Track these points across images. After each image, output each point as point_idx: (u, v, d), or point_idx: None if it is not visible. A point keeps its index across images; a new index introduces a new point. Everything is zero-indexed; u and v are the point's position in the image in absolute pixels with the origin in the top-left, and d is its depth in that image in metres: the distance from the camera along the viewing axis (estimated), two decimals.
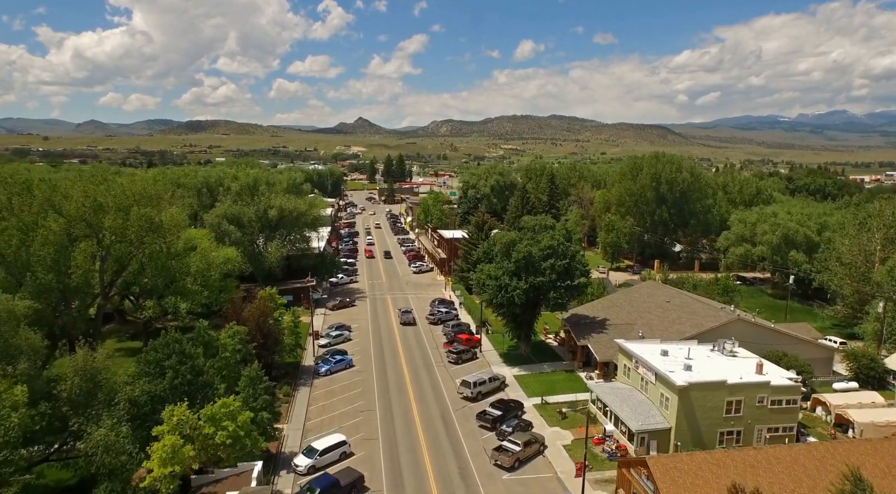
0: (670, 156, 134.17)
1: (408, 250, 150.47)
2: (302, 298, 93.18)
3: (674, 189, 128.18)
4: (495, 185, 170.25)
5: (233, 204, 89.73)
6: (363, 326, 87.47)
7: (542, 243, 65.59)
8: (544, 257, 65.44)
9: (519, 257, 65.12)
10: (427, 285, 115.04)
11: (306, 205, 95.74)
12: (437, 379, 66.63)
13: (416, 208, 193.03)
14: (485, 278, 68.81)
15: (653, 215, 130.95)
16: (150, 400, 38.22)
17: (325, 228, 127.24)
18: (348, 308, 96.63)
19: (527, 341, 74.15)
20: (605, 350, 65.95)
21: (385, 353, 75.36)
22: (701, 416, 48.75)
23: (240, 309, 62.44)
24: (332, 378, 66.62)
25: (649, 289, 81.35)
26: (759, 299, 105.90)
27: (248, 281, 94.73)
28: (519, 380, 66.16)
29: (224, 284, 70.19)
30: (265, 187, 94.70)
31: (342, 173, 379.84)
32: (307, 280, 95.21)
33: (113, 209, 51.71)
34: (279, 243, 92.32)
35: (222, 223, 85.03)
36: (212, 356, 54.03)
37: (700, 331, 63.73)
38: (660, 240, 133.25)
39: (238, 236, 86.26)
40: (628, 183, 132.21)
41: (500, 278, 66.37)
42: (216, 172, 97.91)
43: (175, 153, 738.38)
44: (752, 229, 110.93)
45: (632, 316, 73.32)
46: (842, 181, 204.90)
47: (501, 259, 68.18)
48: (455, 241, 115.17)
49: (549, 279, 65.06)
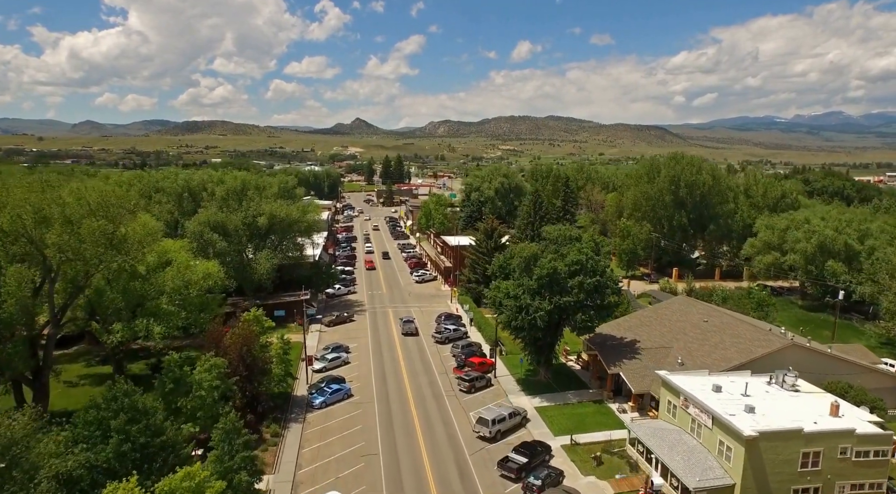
0: (689, 157, 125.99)
1: (409, 256, 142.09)
2: (295, 313, 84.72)
3: (693, 193, 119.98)
4: (500, 187, 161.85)
5: (218, 211, 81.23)
6: (363, 344, 79.01)
7: (569, 257, 57.23)
8: (571, 273, 57.07)
9: (542, 274, 56.73)
10: (431, 296, 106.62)
11: (299, 211, 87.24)
12: (447, 413, 58.23)
13: (416, 211, 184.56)
14: (501, 297, 60.38)
15: (671, 220, 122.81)
16: (89, 473, 29.79)
17: (322, 233, 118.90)
18: (346, 324, 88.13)
19: (547, 366, 65.84)
20: (640, 380, 57.69)
21: (388, 379, 66.94)
22: (771, 470, 40.51)
23: (220, 335, 53.99)
24: (327, 412, 58.14)
25: (681, 305, 73.04)
26: (790, 312, 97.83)
27: (236, 294, 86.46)
28: (542, 413, 57.80)
29: (205, 301, 61.64)
30: (254, 191, 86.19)
31: (339, 175, 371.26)
32: (301, 294, 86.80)
33: (59, 222, 43.05)
34: (269, 253, 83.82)
35: (205, 232, 76.52)
36: (185, 393, 45.72)
37: (749, 359, 55.51)
38: (677, 246, 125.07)
39: (223, 247, 77.80)
40: (644, 186, 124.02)
41: (521, 298, 57.98)
42: (199, 176, 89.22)
43: (171, 154, 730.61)
44: (781, 236, 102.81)
45: (665, 338, 65.10)
46: (860, 184, 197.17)
47: (521, 275, 59.79)
48: (461, 249, 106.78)
49: (576, 299, 56.68)
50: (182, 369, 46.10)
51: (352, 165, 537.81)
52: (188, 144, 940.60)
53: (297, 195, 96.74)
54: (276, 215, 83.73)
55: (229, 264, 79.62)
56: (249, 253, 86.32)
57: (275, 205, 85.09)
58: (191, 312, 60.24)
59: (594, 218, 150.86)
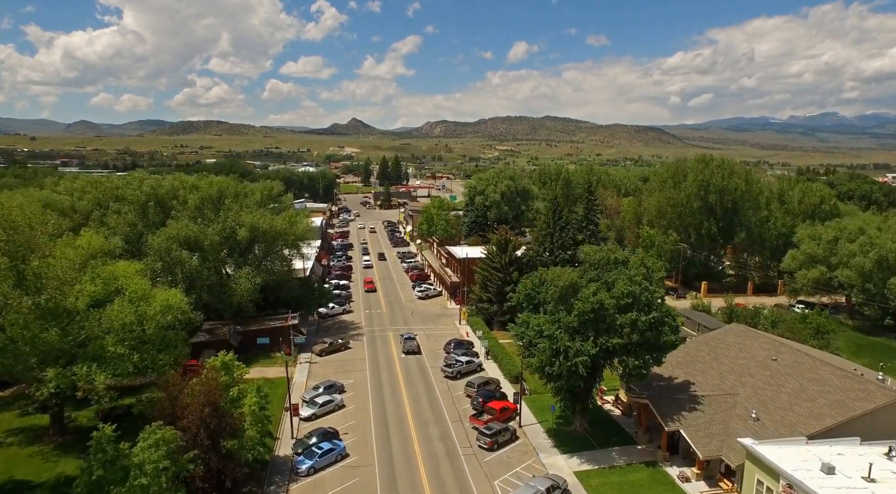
0: (720, 159, 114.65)
1: (410, 267, 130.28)
2: (281, 341, 73.02)
3: (724, 198, 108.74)
4: (506, 191, 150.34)
5: (190, 222, 69.40)
6: (360, 380, 67.29)
7: (618, 288, 45.69)
8: (621, 308, 45.56)
9: (585, 309, 45.19)
10: (437, 315, 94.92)
11: (286, 222, 75.38)
12: (466, 480, 46.56)
13: (416, 215, 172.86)
14: (532, 336, 48.79)
15: (698, 229, 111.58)
16: None
17: (314, 242, 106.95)
18: (340, 352, 76.38)
19: (584, 414, 54.29)
20: (707, 442, 46.15)
21: (391, 429, 55.24)
22: None
23: (176, 390, 42.25)
24: (316, 481, 46.42)
25: (737, 336, 61.48)
26: (842, 335, 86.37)
27: (214, 318, 74.89)
28: (584, 482, 46.17)
29: (165, 339, 49.93)
30: (232, 199, 74.39)
31: (335, 176, 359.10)
32: (288, 318, 75.12)
33: None
34: (251, 271, 71.99)
35: (173, 249, 64.72)
36: (120, 481, 34.06)
37: (848, 417, 44.03)
38: (706, 258, 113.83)
39: (194, 266, 66.03)
40: (670, 191, 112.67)
41: (557, 338, 46.38)
42: (169, 182, 76.97)
43: (165, 154, 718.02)
44: (828, 249, 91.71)
45: (727, 381, 53.62)
46: (887, 187, 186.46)
47: (555, 308, 48.22)
48: (470, 262, 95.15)
49: (628, 341, 45.17)
50: (117, 446, 34.38)
51: (348, 166, 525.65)
52: (183, 144, 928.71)
53: (285, 203, 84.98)
54: (258, 226, 72.01)
55: (202, 285, 67.93)
56: (229, 269, 74.70)
57: (257, 215, 73.30)
58: (146, 353, 48.52)
59: (609, 224, 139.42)
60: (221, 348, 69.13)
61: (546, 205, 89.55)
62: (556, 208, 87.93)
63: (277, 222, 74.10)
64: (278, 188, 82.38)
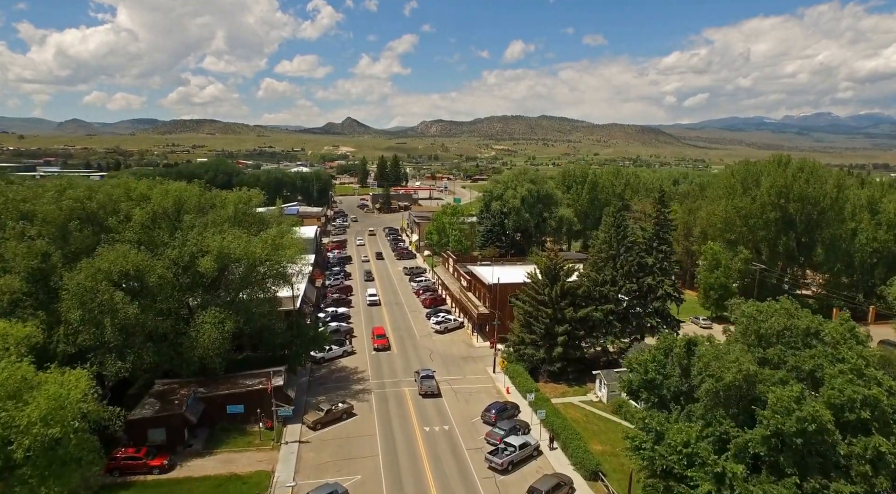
0: (801, 161, 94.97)
1: (421, 287, 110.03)
2: (259, 412, 53.05)
3: (806, 208, 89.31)
4: (527, 195, 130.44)
5: (132, 248, 49.31)
6: (370, 476, 47.22)
7: (843, 391, 25.93)
8: (845, 426, 25.90)
9: (789, 431, 25.42)
10: (462, 358, 74.86)
11: (268, 246, 55.15)
12: None
13: (423, 223, 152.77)
14: (674, 460, 28.97)
15: (773, 245, 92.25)
16: None
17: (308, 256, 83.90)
18: (341, 422, 56.35)
19: None
20: None
21: None
22: None
23: None
24: None
25: None
26: None
27: (169, 376, 55.20)
28: None
29: (56, 460, 30.00)
30: (194, 215, 54.27)
31: (330, 177, 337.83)
32: (269, 378, 55.02)
33: None
34: (219, 313, 51.83)
35: (103, 290, 44.67)
36: None
37: None
38: (780, 278, 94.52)
39: (135, 313, 45.99)
40: (739, 199, 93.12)
41: (727, 475, 26.58)
42: (106, 190, 55.97)
43: (156, 153, 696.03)
44: None
45: None
46: None
47: (712, 413, 28.47)
48: (502, 289, 75.19)
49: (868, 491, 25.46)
50: None
51: (343, 166, 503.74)
52: (175, 143, 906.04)
53: (270, 219, 64.98)
54: (228, 253, 51.89)
55: (147, 339, 47.95)
56: (192, 304, 54.74)
57: (228, 236, 53.18)
58: (24, 485, 28.67)
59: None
60: (173, 425, 49.69)
61: (609, 220, 69.69)
62: (620, 222, 68.36)
63: (256, 247, 53.92)
64: (258, 198, 61.87)
